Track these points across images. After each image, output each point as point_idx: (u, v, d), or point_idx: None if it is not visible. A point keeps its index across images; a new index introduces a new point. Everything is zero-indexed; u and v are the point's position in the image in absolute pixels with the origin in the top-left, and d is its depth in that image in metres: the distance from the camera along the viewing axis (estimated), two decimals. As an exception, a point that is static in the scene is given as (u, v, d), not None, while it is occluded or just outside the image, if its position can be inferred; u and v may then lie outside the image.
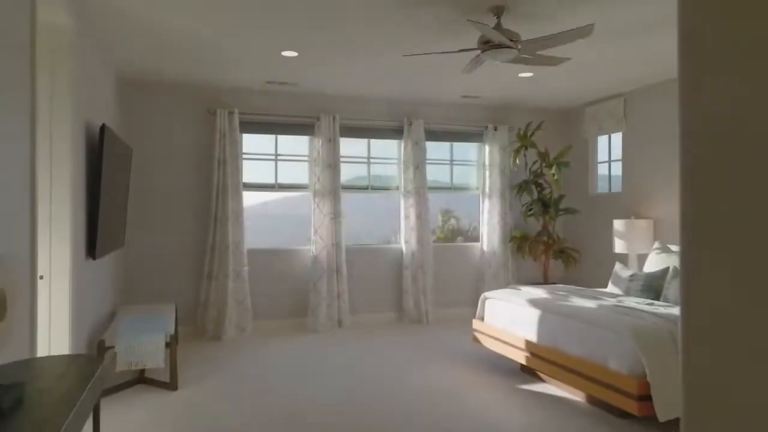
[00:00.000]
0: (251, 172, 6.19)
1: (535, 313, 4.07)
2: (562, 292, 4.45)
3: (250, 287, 5.97)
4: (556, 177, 6.35)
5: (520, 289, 4.77)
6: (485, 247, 6.86)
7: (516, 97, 6.48)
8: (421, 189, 6.51)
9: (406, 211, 6.53)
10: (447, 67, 5.14)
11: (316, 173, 6.16)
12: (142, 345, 3.87)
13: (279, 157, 6.28)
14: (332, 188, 6.19)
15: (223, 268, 5.75)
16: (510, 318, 4.37)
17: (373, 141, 6.64)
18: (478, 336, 4.76)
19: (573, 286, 5.02)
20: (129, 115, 5.67)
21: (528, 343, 4.05)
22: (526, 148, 6.50)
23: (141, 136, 5.71)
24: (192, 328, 5.81)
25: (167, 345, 3.97)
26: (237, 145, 5.87)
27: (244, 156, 6.14)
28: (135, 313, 4.66)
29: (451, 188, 6.98)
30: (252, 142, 6.23)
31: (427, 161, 6.63)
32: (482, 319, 4.81)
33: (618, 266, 4.92)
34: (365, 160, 6.62)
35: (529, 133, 6.53)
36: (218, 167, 5.82)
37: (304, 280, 6.20)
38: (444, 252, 6.82)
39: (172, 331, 4.10)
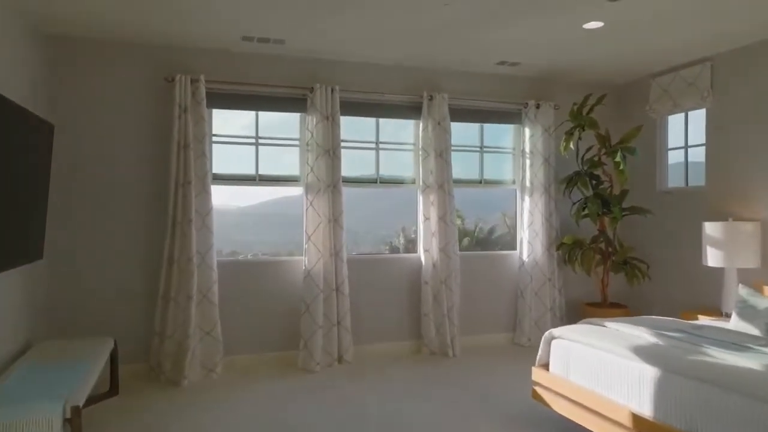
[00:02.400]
0: (223, 159, 4.72)
1: (646, 372, 2.60)
2: (676, 334, 2.97)
3: (222, 312, 4.50)
4: (621, 167, 4.88)
5: (604, 326, 3.30)
6: (525, 257, 5.39)
7: (566, 63, 5.01)
8: (444, 183, 5.05)
9: (425, 211, 5.06)
10: (483, 19, 3.68)
11: (309, 162, 4.69)
12: (21, 425, 2.41)
13: (261, 141, 4.81)
14: (330, 181, 4.73)
15: (185, 288, 4.29)
16: (595, 372, 2.90)
17: (383, 121, 5.18)
18: (542, 392, 3.30)
19: (684, 321, 3.54)
20: (53, 82, 4.21)
21: (637, 419, 2.58)
22: (583, 129, 5.02)
23: (71, 110, 4.25)
24: (143, 368, 4.35)
25: (67, 422, 2.51)
26: (204, 123, 4.41)
27: (214, 138, 4.68)
28: (40, 358, 3.21)
29: (481, 182, 5.51)
30: (224, 121, 4.76)
31: (453, 148, 5.16)
32: (546, 367, 3.35)
33: (744, 290, 3.45)
34: (373, 146, 5.15)
35: (585, 110, 5.06)
36: (178, 153, 4.35)
37: (294, 301, 4.74)
38: (472, 263, 5.35)
39: (81, 400, 2.65)
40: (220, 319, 4.43)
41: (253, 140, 4.79)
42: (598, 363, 2.89)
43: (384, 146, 5.18)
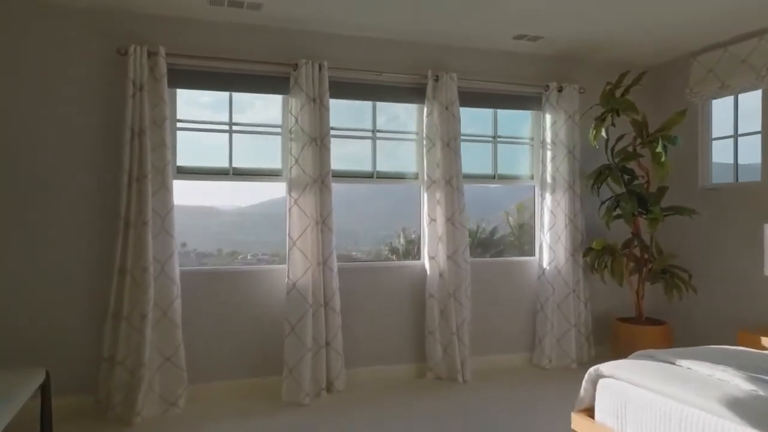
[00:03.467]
0: (189, 150, 3.96)
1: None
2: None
3: (186, 333, 3.75)
4: (662, 158, 4.12)
5: (672, 362, 2.54)
6: (546, 263, 4.64)
7: (594, 39, 4.26)
8: (453, 178, 4.29)
9: (430, 211, 4.30)
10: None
11: (293, 153, 3.93)
12: None
13: (235, 128, 4.05)
14: (318, 176, 3.97)
15: (140, 304, 3.52)
16: (667, 429, 2.14)
17: (380, 105, 4.42)
18: (586, 447, 2.54)
19: None
20: (-20, 53, 3.45)
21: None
22: (617, 114, 4.26)
23: None
24: (88, 402, 3.58)
25: None
26: (164, 105, 3.64)
27: (178, 125, 3.92)
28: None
29: (494, 178, 4.75)
30: (191, 103, 4.00)
31: (462, 138, 4.41)
32: (590, 414, 2.59)
33: None
34: (368, 135, 4.39)
35: (619, 92, 4.31)
36: (132, 141, 3.59)
37: (276, 319, 3.98)
38: (484, 271, 4.59)
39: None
40: (183, 341, 3.67)
41: (226, 127, 4.03)
42: (675, 419, 2.13)
43: (382, 135, 4.41)
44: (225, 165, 4.00)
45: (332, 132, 4.13)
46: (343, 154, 4.33)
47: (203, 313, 3.86)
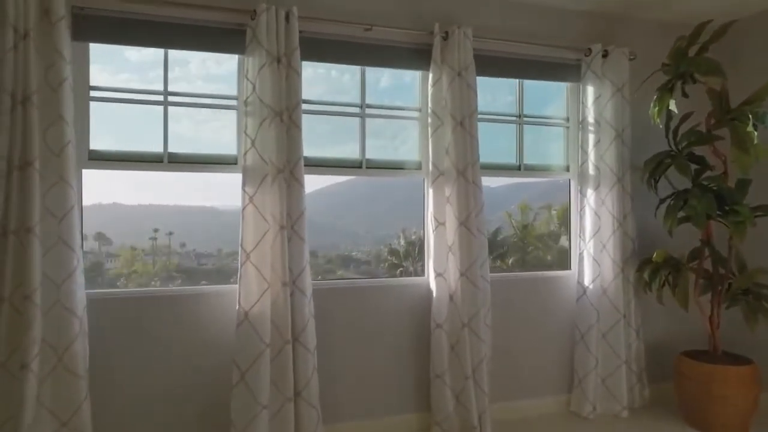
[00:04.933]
0: (106, 129, 2.89)
1: None
2: None
3: (93, 382, 2.67)
4: (753, 142, 3.04)
5: None
6: (587, 280, 3.56)
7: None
8: (469, 168, 3.20)
9: (437, 212, 3.22)
10: None
11: (248, 132, 2.84)
12: None
13: (172, 99, 2.97)
14: (284, 164, 2.89)
15: (21, 347, 2.44)
16: None
17: (371, 72, 3.35)
18: None
19: None
20: None
21: None
22: (692, 80, 3.18)
23: None
24: (-49, 486, 2.51)
25: None
26: (63, 64, 2.57)
27: (92, 93, 2.85)
28: None
29: (520, 168, 3.66)
30: (108, 63, 2.93)
31: (480, 116, 3.33)
32: None
33: None
34: (357, 110, 3.31)
35: (692, 50, 3.22)
36: (14, 112, 2.51)
37: (222, 361, 2.89)
38: (506, 290, 3.50)
39: None
40: (90, 396, 2.59)
41: (160, 97, 2.95)
42: None
43: (373, 111, 3.33)
44: (157, 150, 2.92)
45: (305, 106, 3.06)
46: (321, 136, 3.26)
47: (118, 358, 2.79)
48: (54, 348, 2.53)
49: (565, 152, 3.80)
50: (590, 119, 3.57)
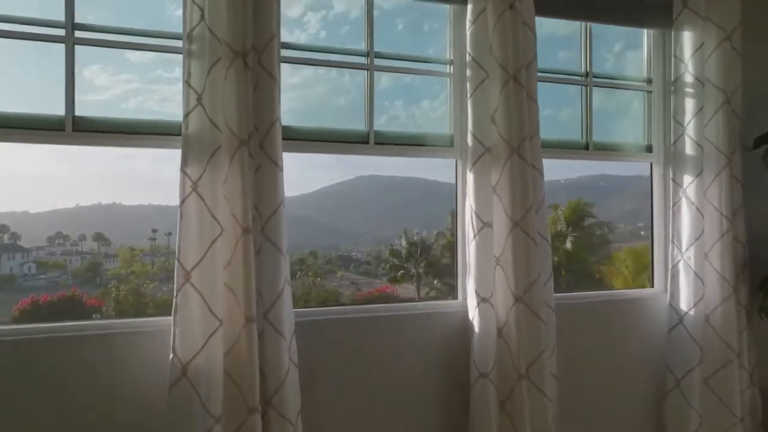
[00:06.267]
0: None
1: None
2: None
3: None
4: None
5: None
6: (684, 304, 2.53)
7: None
8: (526, 143, 2.17)
9: (480, 208, 2.16)
10: None
11: (193, 83, 1.81)
12: None
13: (79, 35, 1.93)
14: (249, 132, 1.86)
15: None
16: None
17: (381, 7, 2.32)
18: None
19: None
20: None
21: None
22: None
23: None
24: None
25: None
26: None
27: (-60, 19, 1.82)
28: None
29: (587, 148, 2.62)
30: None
31: (539, 73, 2.29)
32: None
33: None
34: (361, 61, 2.27)
35: None
36: None
37: (158, 436, 1.86)
38: (567, 317, 2.44)
39: None
40: None
41: (61, 32, 1.91)
42: None
43: (385, 63, 2.30)
44: (57, 112, 1.89)
45: (284, 52, 2.04)
46: (309, 97, 2.24)
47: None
48: None
49: (646, 126, 2.77)
50: (686, 78, 2.55)
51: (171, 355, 1.71)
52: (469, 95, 2.20)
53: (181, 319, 1.72)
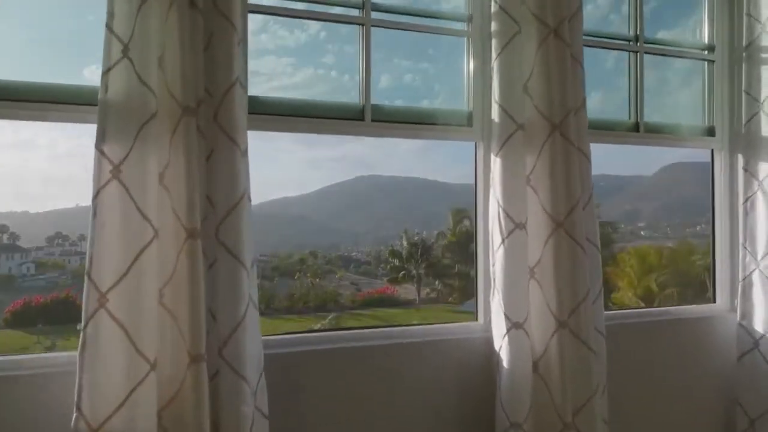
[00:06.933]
0: None
1: None
2: None
3: None
4: None
5: None
6: (759, 325, 2.01)
7: None
8: (570, 118, 1.65)
9: (510, 204, 1.65)
10: None
11: (116, 28, 1.28)
12: None
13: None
14: (197, 97, 1.34)
15: None
16: None
17: (381, -57, 1.80)
18: None
19: None
20: None
21: None
22: None
23: None
24: None
25: None
26: None
27: None
28: None
29: (638, 129, 2.10)
30: None
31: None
32: None
33: None
34: (355, 12, 1.74)
35: None
36: None
37: None
38: (616, 339, 1.91)
39: None
40: None
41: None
42: None
43: (381, 17, 1.77)
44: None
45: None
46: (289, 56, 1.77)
47: None
48: None
49: (706, 104, 2.25)
50: (766, 42, 2.03)
51: (74, 414, 1.19)
52: (494, 56, 1.68)
53: (90, 362, 1.19)
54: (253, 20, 1.56)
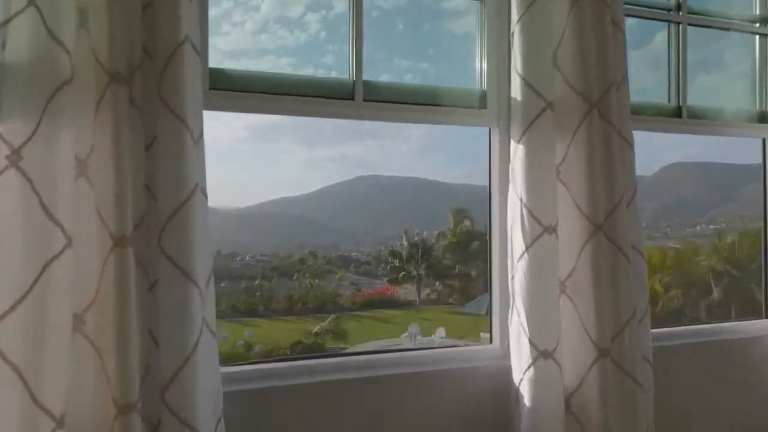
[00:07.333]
0: None
1: None
2: None
3: None
4: None
5: None
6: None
7: None
8: (611, 94, 1.32)
9: (535, 203, 1.32)
10: None
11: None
12: None
13: None
14: (132, 61, 1.02)
15: None
16: None
17: None
18: None
19: None
20: None
21: None
22: None
23: None
24: None
25: None
26: None
27: None
28: None
29: (680, 114, 1.77)
30: None
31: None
32: None
33: None
34: (341, -31, 1.42)
35: None
36: None
37: None
38: (661, 365, 1.58)
39: None
40: None
41: None
42: None
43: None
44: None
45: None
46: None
47: None
48: None
49: (758, 87, 1.93)
50: (835, 8, 1.71)
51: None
52: (516, 19, 1.35)
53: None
54: (253, 20, 1.23)
